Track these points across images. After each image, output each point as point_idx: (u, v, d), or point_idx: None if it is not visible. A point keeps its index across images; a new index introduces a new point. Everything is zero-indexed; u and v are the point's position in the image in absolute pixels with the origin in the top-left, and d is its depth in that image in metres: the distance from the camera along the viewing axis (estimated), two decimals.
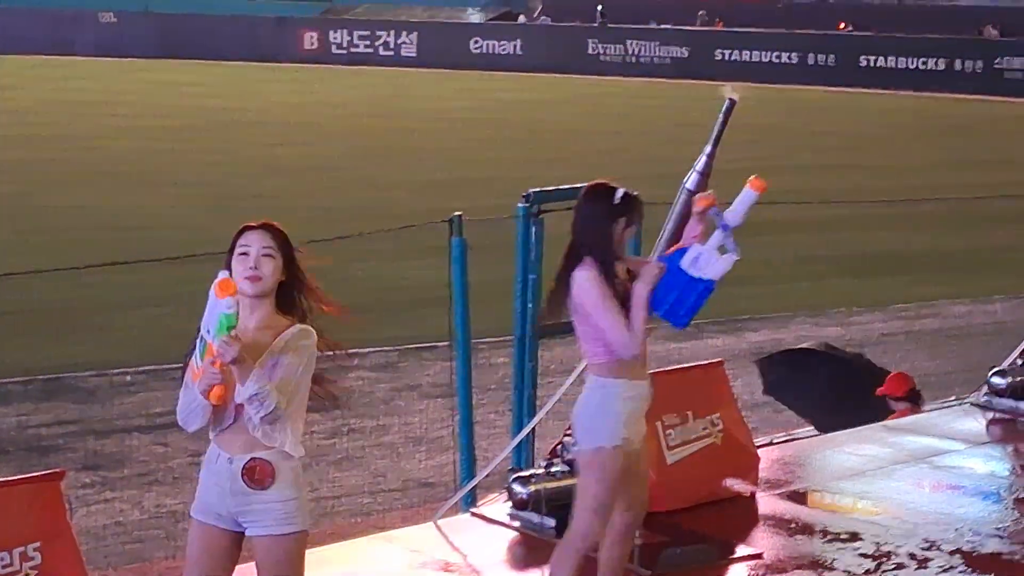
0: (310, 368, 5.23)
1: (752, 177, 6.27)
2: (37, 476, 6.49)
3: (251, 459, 5.09)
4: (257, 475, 5.10)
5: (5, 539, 6.20)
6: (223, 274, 5.10)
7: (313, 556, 7.66)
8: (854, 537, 7.81)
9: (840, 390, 11.12)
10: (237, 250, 5.18)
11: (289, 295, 5.25)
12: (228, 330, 4.97)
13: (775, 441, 10.32)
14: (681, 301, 6.18)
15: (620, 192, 6.18)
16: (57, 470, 6.47)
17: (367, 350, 13.28)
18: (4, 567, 6.19)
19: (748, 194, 6.27)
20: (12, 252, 14.97)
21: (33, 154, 24.44)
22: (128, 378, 12.21)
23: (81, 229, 16.60)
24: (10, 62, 38.55)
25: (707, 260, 6.18)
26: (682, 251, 6.21)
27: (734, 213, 6.26)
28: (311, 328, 5.24)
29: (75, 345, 13.00)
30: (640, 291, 6.06)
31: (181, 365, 5.17)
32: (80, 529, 6.86)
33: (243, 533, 5.22)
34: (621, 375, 6.08)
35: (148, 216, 19.15)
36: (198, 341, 5.08)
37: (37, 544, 6.24)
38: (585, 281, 5.99)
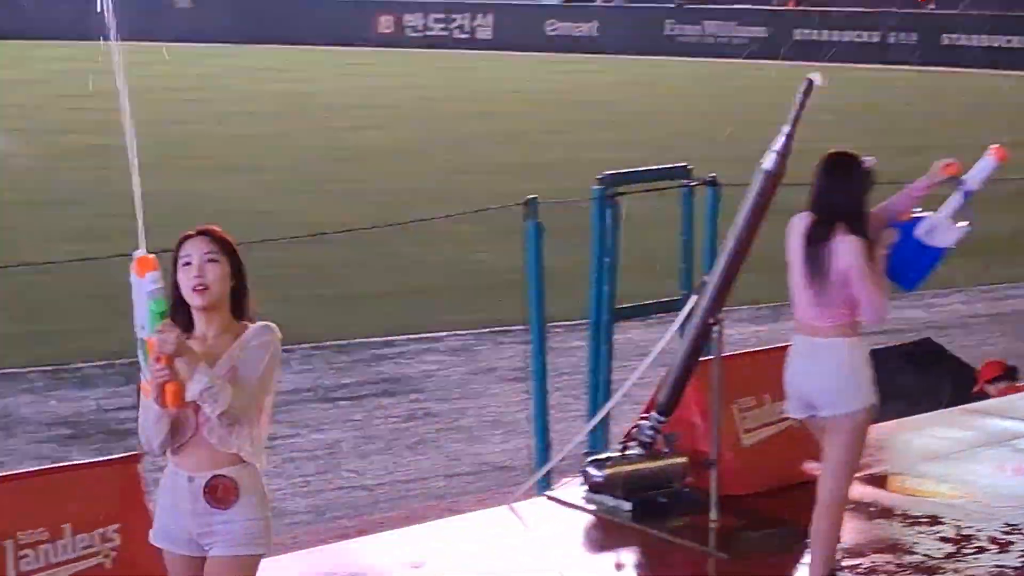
0: (274, 368, 4.81)
1: (995, 146, 6.47)
2: (116, 459, 6.55)
3: (213, 476, 4.76)
4: (220, 493, 4.76)
5: (86, 521, 6.27)
6: (139, 252, 4.70)
7: (387, 538, 7.71)
8: (934, 521, 7.73)
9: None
10: (180, 261, 4.83)
11: (242, 301, 4.87)
12: (161, 317, 4.61)
13: None
14: (911, 266, 6.49)
15: (870, 160, 6.38)
16: (136, 453, 6.51)
17: (442, 333, 13.30)
18: (84, 548, 6.26)
19: (988, 162, 6.59)
20: (92, 237, 15.10)
21: (112, 140, 24.62)
22: None
23: (158, 214, 16.68)
24: (91, 49, 38.96)
25: (942, 229, 6.50)
26: (917, 220, 6.49)
27: (973, 180, 6.52)
28: (273, 325, 4.86)
29: None
30: (883, 258, 6.31)
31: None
32: None
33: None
34: (860, 334, 6.35)
35: (225, 200, 19.25)
36: (139, 349, 4.71)
37: (116, 526, 6.30)
38: (856, 248, 6.19)
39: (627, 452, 7.97)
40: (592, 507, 7.92)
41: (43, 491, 6.30)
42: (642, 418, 7.98)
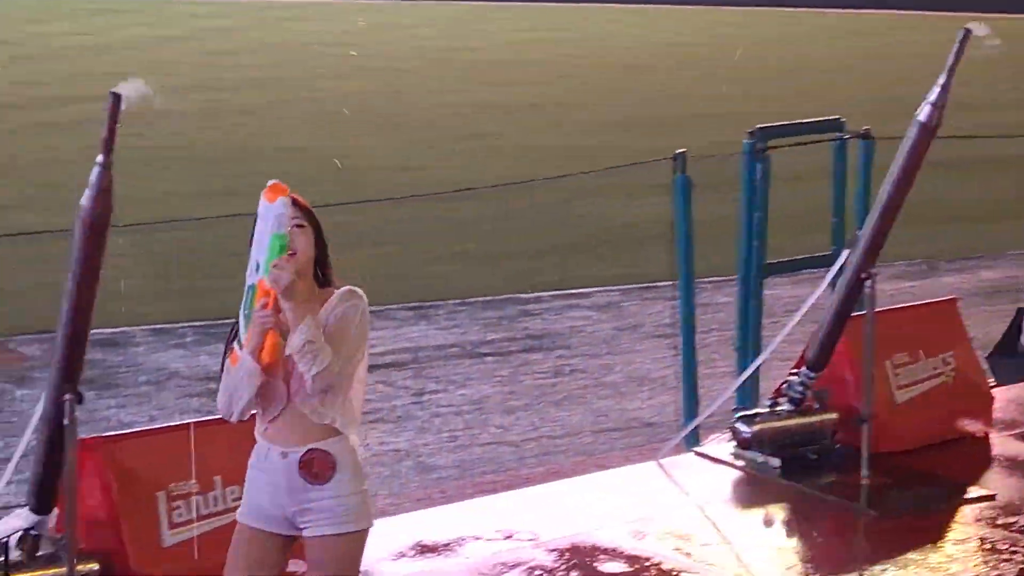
0: (364, 331, 4.74)
1: None
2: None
3: (308, 450, 4.66)
4: (316, 467, 4.65)
5: (235, 473, 6.26)
6: (273, 181, 4.70)
7: (534, 492, 7.72)
8: None
9: None
10: None
11: (325, 268, 4.81)
12: (281, 251, 4.59)
13: None
14: None
15: None
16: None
17: (589, 289, 13.25)
18: (235, 500, 6.28)
19: None
20: (239, 193, 15.26)
21: (257, 97, 24.90)
22: None
23: (303, 172, 16.85)
24: (234, 4, 39.36)
25: None
26: None
27: None
28: (358, 289, 4.80)
29: None
30: None
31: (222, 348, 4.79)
32: None
33: (295, 537, 4.77)
34: None
35: (370, 157, 19.34)
36: (243, 302, 4.69)
37: None
38: None
39: (776, 408, 7.90)
40: (741, 463, 7.87)
41: (195, 444, 6.38)
42: (792, 374, 7.90)
